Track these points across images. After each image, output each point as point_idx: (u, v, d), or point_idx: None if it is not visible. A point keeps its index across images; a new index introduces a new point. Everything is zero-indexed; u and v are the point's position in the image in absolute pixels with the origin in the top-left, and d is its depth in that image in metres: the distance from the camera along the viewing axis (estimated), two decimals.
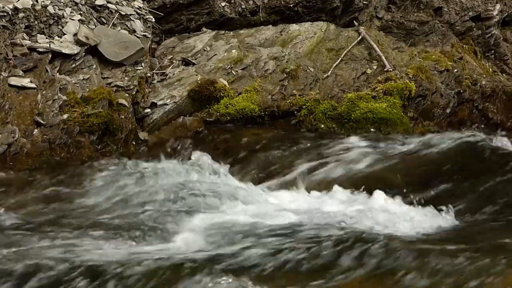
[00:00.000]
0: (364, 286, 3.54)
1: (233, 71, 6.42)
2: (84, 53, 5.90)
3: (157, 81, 6.33)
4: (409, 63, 6.93)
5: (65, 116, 5.46)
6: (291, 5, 7.19)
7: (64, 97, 5.56)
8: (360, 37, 7.03)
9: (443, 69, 6.98)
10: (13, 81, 5.48)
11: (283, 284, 3.53)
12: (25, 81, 5.50)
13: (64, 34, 5.92)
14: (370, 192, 4.97)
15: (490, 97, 6.94)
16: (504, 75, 7.93)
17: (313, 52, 6.83)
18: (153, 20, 6.58)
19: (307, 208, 4.70)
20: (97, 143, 5.50)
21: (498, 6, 8.01)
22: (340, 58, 6.79)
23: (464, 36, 7.87)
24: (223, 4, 6.98)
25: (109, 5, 6.32)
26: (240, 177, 5.33)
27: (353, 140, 5.87)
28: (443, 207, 4.79)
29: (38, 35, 5.82)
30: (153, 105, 6.05)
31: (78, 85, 5.70)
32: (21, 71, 5.57)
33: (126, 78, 5.98)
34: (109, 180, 4.95)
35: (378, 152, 5.62)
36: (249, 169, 5.49)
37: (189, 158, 5.62)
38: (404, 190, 5.04)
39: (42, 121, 5.37)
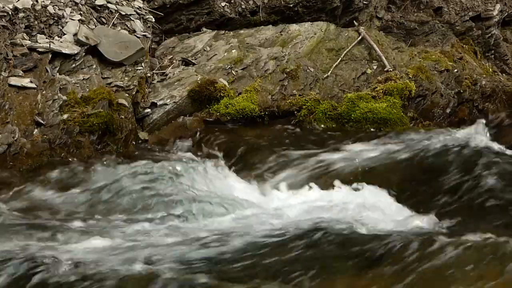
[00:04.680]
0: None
1: (233, 71, 6.42)
2: (84, 53, 5.90)
3: (157, 81, 6.33)
4: (409, 63, 6.93)
5: (65, 116, 5.46)
6: (291, 5, 7.19)
7: (64, 97, 5.56)
8: (360, 37, 7.03)
9: (443, 69, 6.99)
10: (13, 81, 5.48)
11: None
12: (25, 81, 5.51)
13: (64, 34, 5.92)
14: (368, 190, 4.98)
15: (490, 97, 6.94)
16: (504, 75, 7.93)
17: (313, 52, 6.84)
18: (153, 20, 6.59)
19: (306, 208, 4.70)
20: (97, 143, 5.50)
21: (498, 6, 8.01)
22: (340, 58, 6.79)
23: (464, 36, 7.88)
24: (223, 4, 6.98)
25: (109, 5, 6.32)
26: (240, 177, 5.33)
27: (353, 140, 5.88)
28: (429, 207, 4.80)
29: (38, 35, 5.82)
30: (153, 105, 6.06)
31: (78, 85, 5.70)
32: (21, 71, 5.56)
33: (126, 78, 5.99)
34: (109, 180, 4.95)
35: (377, 151, 5.62)
36: (249, 169, 5.49)
37: (189, 158, 5.62)
38: (400, 190, 5.05)
39: (42, 121, 5.37)
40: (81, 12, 6.10)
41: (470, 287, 3.37)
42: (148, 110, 6.02)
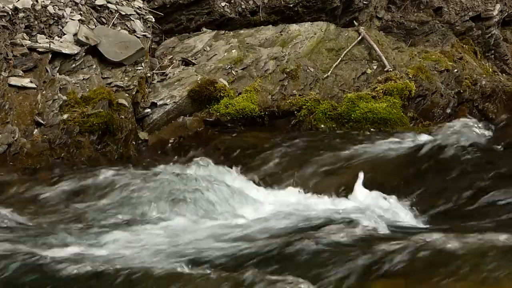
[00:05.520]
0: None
1: (233, 71, 6.42)
2: (84, 53, 5.90)
3: (157, 81, 6.33)
4: (409, 63, 6.93)
5: (65, 116, 5.47)
6: (291, 5, 7.19)
7: (64, 97, 5.56)
8: (360, 37, 7.03)
9: (443, 69, 6.98)
10: (13, 81, 5.48)
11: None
12: (25, 81, 5.51)
13: (64, 34, 5.92)
14: (367, 192, 4.98)
15: (490, 97, 6.94)
16: (504, 75, 7.93)
17: (313, 52, 6.84)
18: (153, 20, 6.59)
19: (304, 208, 4.70)
20: (97, 143, 5.51)
21: (498, 6, 8.01)
22: (340, 58, 6.79)
23: (464, 36, 7.88)
24: (223, 4, 6.98)
25: (109, 5, 6.32)
26: (240, 177, 5.32)
27: (353, 140, 5.88)
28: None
29: (38, 35, 5.82)
30: (153, 105, 6.06)
31: (78, 85, 5.70)
32: (21, 71, 5.57)
33: (126, 78, 5.99)
34: (109, 180, 4.95)
35: (377, 151, 5.61)
36: (249, 169, 5.49)
37: (189, 158, 5.62)
38: (400, 190, 5.05)
39: (42, 121, 5.37)
40: (81, 12, 6.11)
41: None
42: (148, 110, 6.02)
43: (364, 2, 7.53)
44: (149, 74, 6.29)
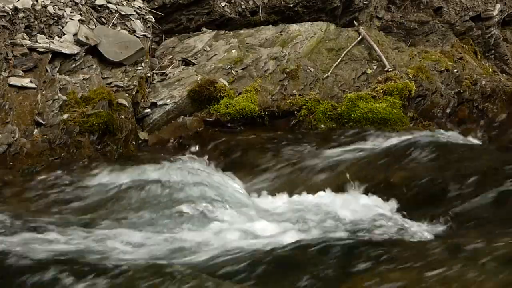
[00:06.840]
0: None
1: (233, 71, 6.43)
2: (84, 53, 5.90)
3: (157, 81, 6.34)
4: (409, 63, 6.93)
5: (65, 116, 5.47)
6: (291, 5, 7.19)
7: (64, 97, 5.56)
8: (360, 37, 7.03)
9: (443, 69, 6.99)
10: (13, 81, 5.48)
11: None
12: (25, 81, 5.51)
13: (64, 34, 5.92)
14: (365, 193, 4.98)
15: (490, 97, 6.94)
16: (504, 75, 7.94)
17: (313, 52, 6.84)
18: (153, 20, 6.59)
19: (303, 210, 4.69)
20: (97, 143, 5.51)
21: (498, 6, 8.02)
22: (340, 58, 6.79)
23: (464, 36, 7.88)
24: (223, 4, 6.98)
25: (109, 5, 6.32)
26: (239, 178, 5.32)
27: (353, 140, 5.87)
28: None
29: (38, 35, 5.83)
30: (153, 105, 6.06)
31: (78, 85, 5.70)
32: (21, 71, 5.57)
33: (126, 78, 5.99)
34: (109, 180, 4.95)
35: (376, 152, 5.61)
36: (248, 170, 5.49)
37: (189, 158, 5.62)
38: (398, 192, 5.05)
39: (42, 121, 5.37)
40: (81, 12, 6.11)
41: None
42: (148, 110, 6.03)
43: (364, 2, 7.53)
44: (149, 74, 6.29)
